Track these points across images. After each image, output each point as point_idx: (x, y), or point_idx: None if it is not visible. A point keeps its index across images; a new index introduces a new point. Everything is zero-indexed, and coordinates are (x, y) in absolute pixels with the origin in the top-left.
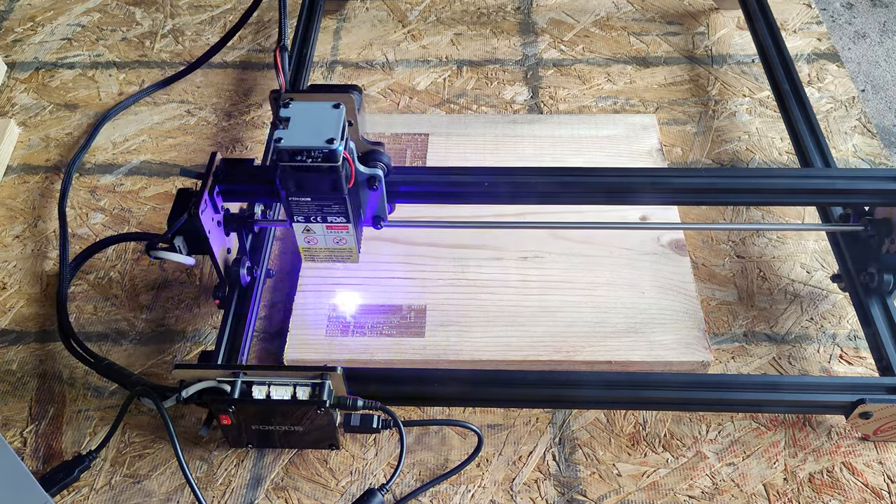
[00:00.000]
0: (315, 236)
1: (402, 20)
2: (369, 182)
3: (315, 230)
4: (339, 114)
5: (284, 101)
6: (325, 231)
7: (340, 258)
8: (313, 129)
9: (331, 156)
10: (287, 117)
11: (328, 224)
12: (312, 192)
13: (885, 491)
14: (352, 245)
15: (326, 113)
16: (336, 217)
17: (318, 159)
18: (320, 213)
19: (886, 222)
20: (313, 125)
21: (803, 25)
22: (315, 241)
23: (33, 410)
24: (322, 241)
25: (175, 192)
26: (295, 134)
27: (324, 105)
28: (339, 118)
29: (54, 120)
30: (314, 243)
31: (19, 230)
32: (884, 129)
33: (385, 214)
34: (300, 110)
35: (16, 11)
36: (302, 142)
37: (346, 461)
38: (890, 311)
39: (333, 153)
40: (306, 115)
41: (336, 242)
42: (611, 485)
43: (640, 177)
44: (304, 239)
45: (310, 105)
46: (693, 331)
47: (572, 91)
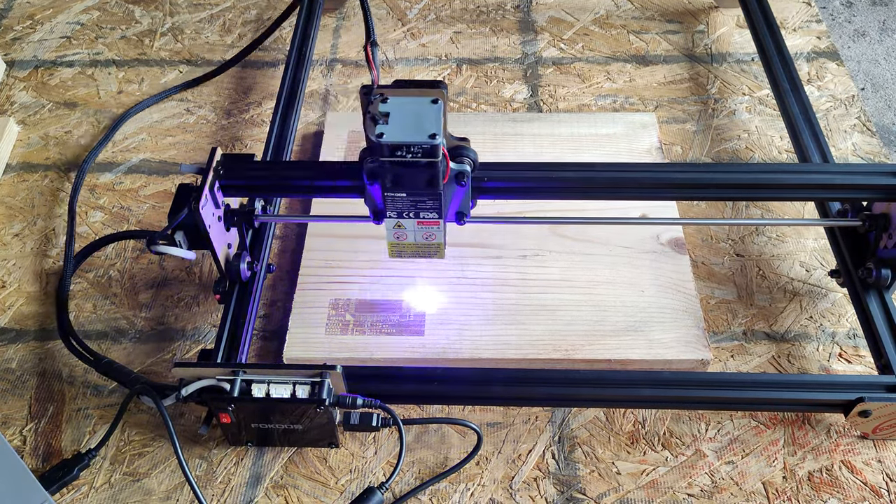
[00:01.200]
0: (405, 232)
1: (401, 18)
2: (457, 178)
3: (406, 226)
4: (439, 109)
5: (380, 97)
6: (415, 227)
7: (428, 254)
8: (415, 125)
9: (432, 151)
10: (387, 112)
11: (420, 220)
12: (409, 188)
13: (883, 489)
14: (440, 240)
15: (426, 108)
16: (429, 213)
17: (417, 154)
18: (414, 209)
19: (884, 217)
20: (414, 121)
21: (803, 24)
22: (405, 237)
23: (33, 409)
24: (412, 236)
25: (174, 191)
26: (396, 129)
27: (422, 100)
28: (439, 113)
29: (53, 118)
30: (404, 239)
31: (18, 228)
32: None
33: (468, 210)
34: (399, 105)
35: (15, 9)
36: (405, 137)
37: (346, 459)
38: (888, 306)
39: (435, 148)
40: (406, 111)
41: (426, 238)
42: (610, 483)
43: (638, 172)
44: (394, 235)
45: (408, 100)
46: (692, 329)
47: (572, 89)
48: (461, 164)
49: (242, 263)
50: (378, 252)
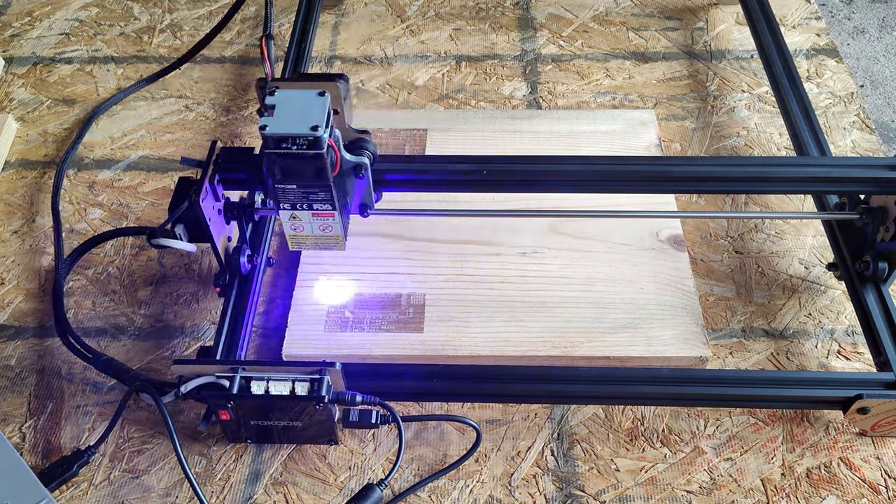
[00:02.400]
0: (301, 224)
1: (400, 15)
2: (355, 170)
3: (301, 217)
4: (324, 101)
5: (270, 89)
6: (311, 218)
7: (327, 245)
8: (298, 117)
9: (315, 143)
10: (272, 105)
11: (314, 211)
12: (298, 180)
13: (882, 486)
14: (338, 232)
15: (311, 101)
16: (322, 204)
17: (302, 146)
18: (306, 201)
19: (881, 210)
20: (298, 113)
21: (802, 21)
22: (301, 229)
23: (32, 406)
24: (308, 228)
25: (173, 188)
26: (280, 121)
27: (309, 93)
28: (324, 106)
29: (52, 115)
30: (301, 230)
31: (17, 225)
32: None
33: (372, 203)
34: (285, 98)
35: (13, 6)
36: (286, 129)
37: (345, 456)
38: (885, 299)
39: (318, 140)
40: (291, 103)
41: (322, 230)
42: (609, 480)
43: (637, 165)
44: (291, 226)
45: (295, 93)
46: (691, 326)
47: (571, 86)
48: (359, 157)
49: (242, 256)
50: (377, 249)
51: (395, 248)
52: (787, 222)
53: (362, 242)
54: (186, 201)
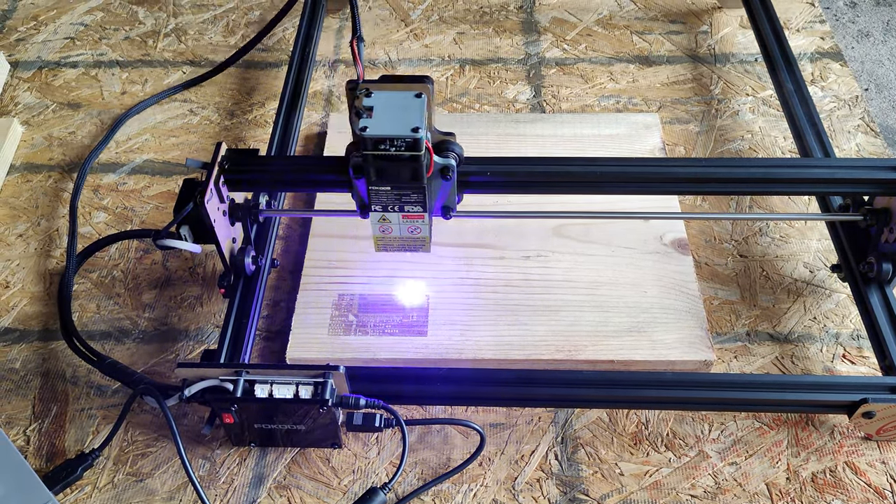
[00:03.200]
0: (390, 226)
1: (404, 19)
2: (442, 172)
3: (391, 220)
4: (422, 103)
5: (365, 91)
6: (400, 221)
7: (413, 247)
8: (398, 118)
9: (415, 144)
10: (371, 106)
11: (405, 213)
12: (393, 181)
13: (888, 490)
14: (426, 234)
15: (409, 102)
16: (413, 206)
17: (401, 148)
18: (398, 203)
19: (885, 212)
20: (398, 114)
21: (806, 24)
22: (390, 231)
23: (36, 409)
24: (397, 230)
25: (178, 191)
26: (380, 122)
27: (406, 94)
28: (423, 107)
29: (57, 119)
30: (389, 233)
31: (23, 229)
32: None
33: (454, 205)
34: (383, 99)
35: (19, 10)
36: (388, 130)
37: (349, 460)
38: (889, 301)
39: (418, 142)
40: (390, 105)
41: (411, 232)
42: (613, 484)
43: (641, 167)
44: (379, 228)
45: (392, 94)
46: (696, 330)
47: (575, 90)
48: (446, 159)
49: (247, 258)
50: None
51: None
52: (792, 226)
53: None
54: (191, 202)
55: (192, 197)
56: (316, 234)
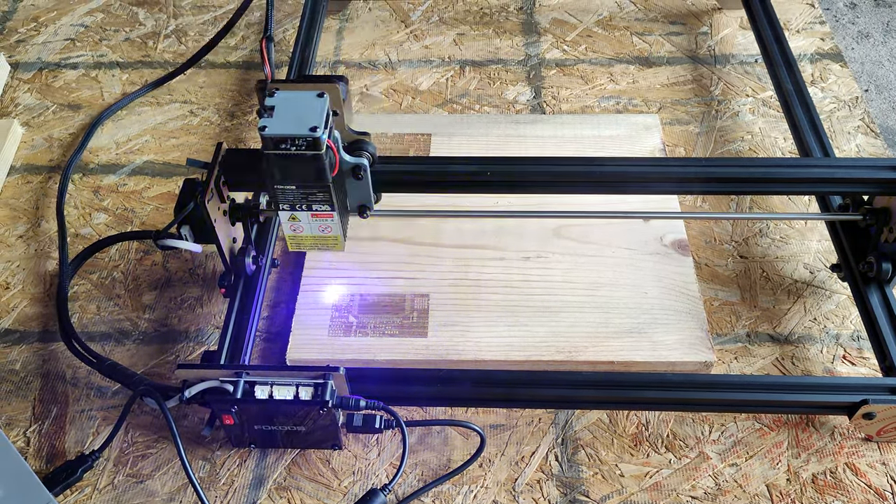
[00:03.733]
0: (301, 224)
1: (404, 20)
2: (354, 171)
3: (300, 218)
4: (323, 103)
5: (270, 91)
6: (310, 219)
7: (326, 246)
8: (297, 118)
9: (314, 143)
10: (272, 106)
11: (313, 212)
12: (297, 180)
13: (888, 492)
14: (337, 233)
15: (310, 102)
16: (321, 205)
17: (301, 147)
18: (305, 202)
19: (885, 211)
20: (297, 114)
21: (806, 25)
22: (301, 230)
23: (37, 410)
24: (308, 229)
25: (178, 193)
26: (279, 122)
27: (308, 94)
28: (323, 107)
29: (57, 120)
30: (300, 231)
31: (22, 230)
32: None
33: (371, 204)
34: (285, 99)
35: (19, 12)
36: (286, 130)
37: (349, 461)
38: (889, 301)
39: (317, 141)
40: (291, 105)
41: (321, 230)
42: (613, 485)
43: (641, 166)
44: (290, 227)
45: (294, 94)
46: (696, 331)
47: (575, 91)
48: (358, 158)
49: (247, 257)
50: (381, 254)
51: (399, 253)
52: (792, 227)
53: (366, 247)
54: (192, 202)
55: (193, 197)
56: None
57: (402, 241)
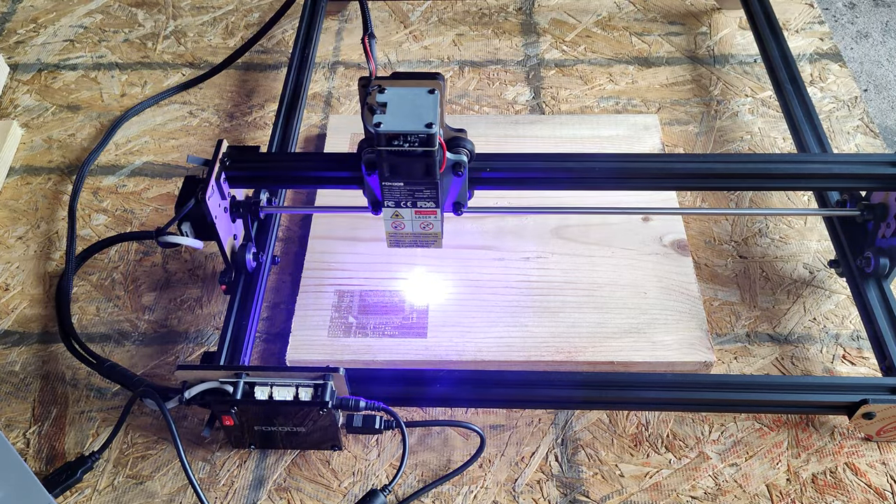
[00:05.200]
0: (403, 221)
1: (403, 21)
2: (454, 168)
3: (404, 215)
4: (435, 99)
5: (377, 88)
6: (413, 216)
7: (426, 243)
8: (412, 114)
9: (428, 140)
10: (384, 102)
11: (417, 209)
12: (406, 177)
13: (888, 491)
14: (438, 230)
15: (423, 98)
16: (426, 202)
17: (414, 143)
18: (411, 198)
19: (882, 207)
20: (411, 110)
21: (805, 25)
22: (402, 227)
23: (36, 411)
24: (409, 226)
25: (177, 193)
26: (394, 118)
27: (419, 90)
28: (436, 103)
29: (57, 121)
30: (401, 228)
31: (22, 231)
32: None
33: (465, 201)
34: (396, 95)
35: (18, 13)
36: (401, 126)
37: (349, 462)
38: (886, 296)
39: (431, 137)
40: (403, 101)
41: (423, 227)
42: (613, 485)
43: (640, 162)
44: (392, 224)
45: (406, 90)
46: (695, 331)
47: (574, 91)
48: (458, 155)
49: (248, 254)
50: (381, 255)
51: (399, 253)
52: (792, 227)
53: (366, 247)
54: (193, 199)
55: (194, 193)
56: (315, 236)
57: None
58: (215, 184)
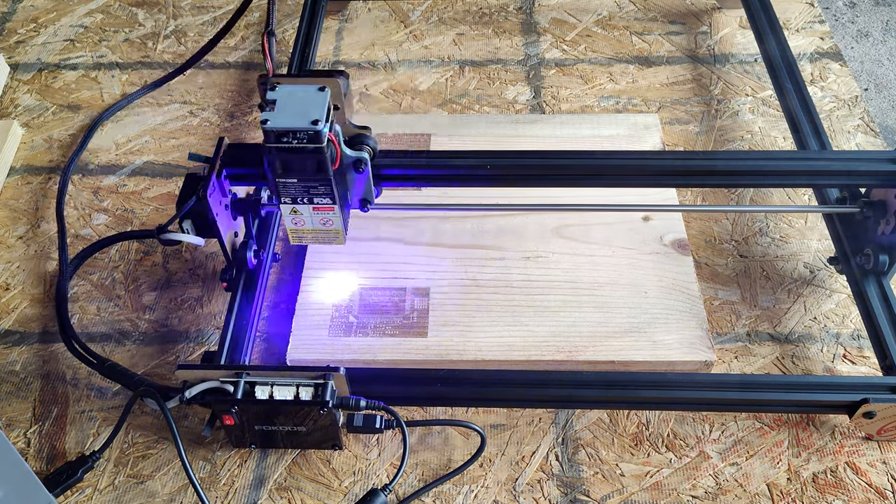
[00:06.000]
0: (302, 217)
1: (404, 20)
2: (356, 165)
3: (302, 211)
4: (324, 96)
5: (271, 85)
6: (311, 212)
7: (327, 239)
8: (299, 111)
9: (315, 137)
10: (273, 100)
11: (315, 206)
12: (298, 174)
13: (888, 490)
14: (338, 227)
15: (312, 96)
16: (322, 198)
17: (303, 140)
18: (307, 195)
19: (882, 204)
20: (299, 107)
21: (806, 24)
22: (302, 223)
23: (37, 411)
24: (309, 222)
25: (178, 193)
26: (280, 116)
27: (309, 88)
28: (324, 101)
29: (57, 121)
30: (301, 224)
31: (22, 231)
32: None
33: (372, 198)
34: (286, 93)
35: (18, 13)
36: (287, 123)
37: (349, 461)
38: (886, 293)
39: (318, 134)
40: (292, 98)
41: (323, 224)
42: (614, 485)
43: (640, 159)
44: (292, 220)
45: (295, 88)
46: (696, 330)
47: (574, 91)
48: (359, 152)
49: (249, 252)
50: (381, 254)
51: (399, 253)
52: (792, 226)
53: (366, 247)
54: (194, 196)
55: (195, 191)
56: None
57: (402, 241)
58: (216, 181)
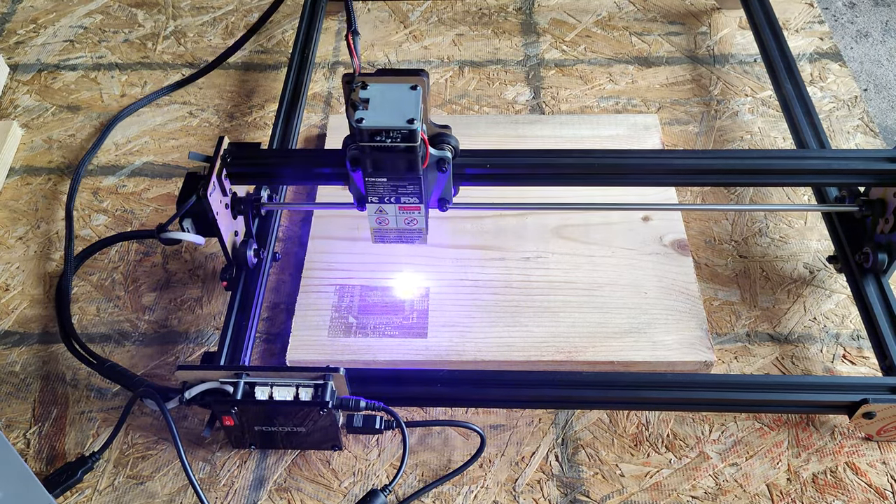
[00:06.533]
0: (387, 217)
1: (403, 21)
2: (439, 164)
3: (388, 211)
4: (418, 95)
5: (361, 84)
6: (397, 212)
7: (410, 238)
8: (393, 110)
9: (410, 136)
10: (367, 98)
11: (401, 205)
12: (389, 173)
13: (888, 491)
14: (422, 225)
15: (405, 94)
16: (410, 198)
17: (397, 139)
18: (394, 194)
19: (881, 202)
20: (393, 106)
21: (805, 25)
22: (387, 222)
23: (37, 412)
24: (394, 221)
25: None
26: (375, 114)
27: (402, 87)
28: (418, 99)
29: (57, 122)
30: (385, 224)
31: (22, 232)
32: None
33: (451, 197)
34: (378, 92)
35: (18, 13)
36: (383, 122)
37: (349, 462)
38: (885, 291)
39: (413, 133)
40: (385, 97)
41: (407, 223)
42: (614, 485)
43: (639, 158)
44: (376, 220)
45: (388, 87)
46: (696, 331)
47: (574, 91)
48: (442, 151)
49: (249, 250)
50: (381, 255)
51: (399, 253)
52: (792, 226)
53: (366, 247)
54: (194, 195)
55: (196, 190)
56: (316, 236)
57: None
58: (216, 180)
